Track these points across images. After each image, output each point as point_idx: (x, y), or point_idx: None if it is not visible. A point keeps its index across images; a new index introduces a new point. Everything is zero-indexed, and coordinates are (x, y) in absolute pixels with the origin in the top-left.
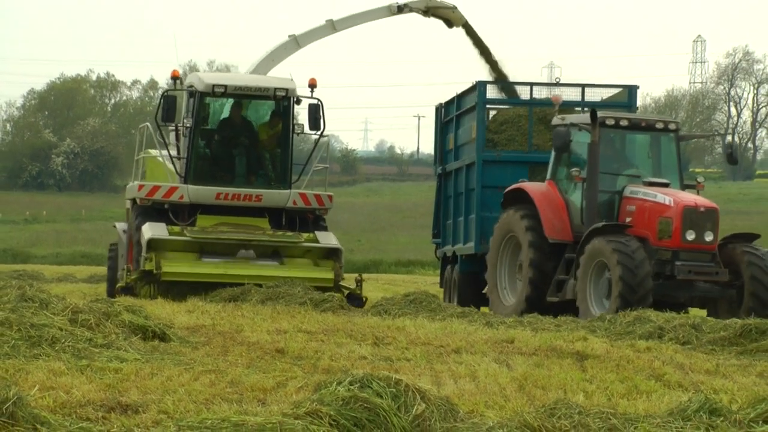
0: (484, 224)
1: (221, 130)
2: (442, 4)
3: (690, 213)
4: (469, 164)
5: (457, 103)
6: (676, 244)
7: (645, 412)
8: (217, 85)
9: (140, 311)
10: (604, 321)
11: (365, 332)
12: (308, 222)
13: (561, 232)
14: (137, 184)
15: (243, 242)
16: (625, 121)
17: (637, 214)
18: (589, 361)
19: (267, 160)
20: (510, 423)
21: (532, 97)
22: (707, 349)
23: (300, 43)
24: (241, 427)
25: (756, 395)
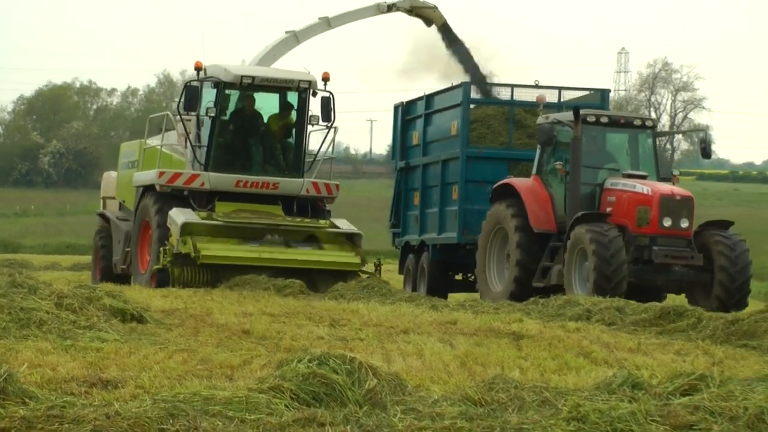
0: (467, 216)
1: (241, 121)
2: (424, 3)
3: (667, 201)
4: (447, 159)
5: (427, 102)
6: (654, 231)
7: (574, 386)
8: (245, 76)
9: (120, 296)
10: (537, 305)
11: (323, 315)
12: (318, 209)
13: (545, 222)
14: (157, 171)
15: (271, 227)
16: (605, 118)
17: (617, 203)
18: (524, 341)
19: (283, 149)
20: (453, 396)
21: (512, 98)
22: (630, 329)
23: (299, 38)
24: (210, 400)
25: (674, 371)
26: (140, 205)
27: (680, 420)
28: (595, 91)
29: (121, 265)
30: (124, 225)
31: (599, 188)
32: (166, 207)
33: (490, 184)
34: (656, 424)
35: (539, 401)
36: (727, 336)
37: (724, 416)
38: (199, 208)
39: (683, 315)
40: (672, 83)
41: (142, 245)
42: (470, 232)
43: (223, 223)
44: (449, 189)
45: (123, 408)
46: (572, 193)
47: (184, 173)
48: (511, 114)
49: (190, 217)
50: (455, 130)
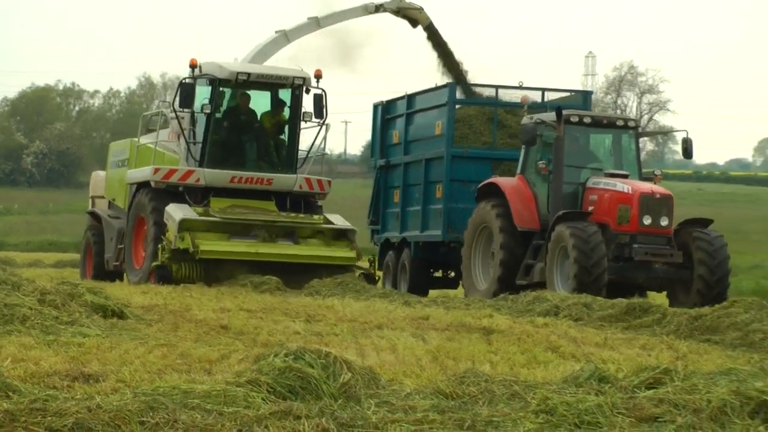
0: (451, 214)
1: (235, 117)
2: (410, 5)
3: (647, 199)
4: (430, 158)
5: (409, 102)
6: (634, 229)
7: (543, 379)
8: (241, 73)
9: (101, 292)
10: (507, 301)
11: (299, 311)
12: (311, 205)
13: (529, 221)
14: (152, 168)
15: (267, 223)
16: (588, 119)
17: (599, 202)
18: (495, 336)
19: (276, 145)
20: (425, 390)
21: (498, 98)
22: (597, 324)
23: (289, 38)
24: (189, 394)
25: (639, 365)
26: (134, 202)
27: (645, 412)
28: (578, 92)
29: (114, 262)
30: (116, 222)
31: (582, 187)
32: (162, 203)
33: (474, 184)
34: (622, 416)
35: (509, 394)
36: (690, 331)
37: (687, 409)
38: (194, 203)
39: (648, 311)
40: (638, 86)
41: (136, 241)
42: (454, 230)
43: (220, 219)
44: (433, 187)
45: (104, 401)
46: (555, 192)
47: (180, 169)
48: (495, 114)
49: (187, 213)
50: (440, 129)
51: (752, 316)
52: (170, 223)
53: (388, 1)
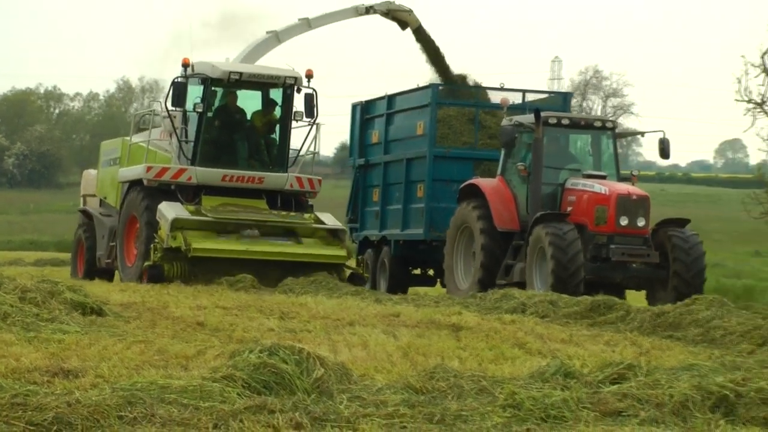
0: (433, 213)
1: (226, 116)
2: (400, 7)
3: (623, 200)
4: (412, 158)
5: (389, 102)
6: (611, 229)
7: (510, 375)
8: (233, 72)
9: (80, 290)
10: (476, 298)
11: (273, 308)
12: (301, 203)
13: (509, 221)
14: (144, 166)
15: (259, 222)
16: (566, 120)
17: (577, 203)
18: (463, 332)
19: (267, 144)
20: (396, 385)
21: (479, 99)
22: (563, 321)
23: (280, 38)
24: (166, 389)
25: (604, 361)
26: (126, 200)
27: (609, 407)
28: (558, 93)
29: (106, 260)
30: (107, 221)
31: (560, 188)
32: (154, 201)
33: (456, 183)
34: (587, 410)
35: (477, 389)
36: (653, 327)
37: (650, 403)
38: (186, 201)
39: (612, 308)
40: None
41: (128, 239)
42: (436, 229)
43: (213, 219)
44: (414, 187)
45: (83, 396)
46: (534, 193)
47: (172, 167)
48: (477, 115)
49: (180, 212)
50: (421, 129)
51: (713, 313)
52: (163, 221)
53: (378, 3)
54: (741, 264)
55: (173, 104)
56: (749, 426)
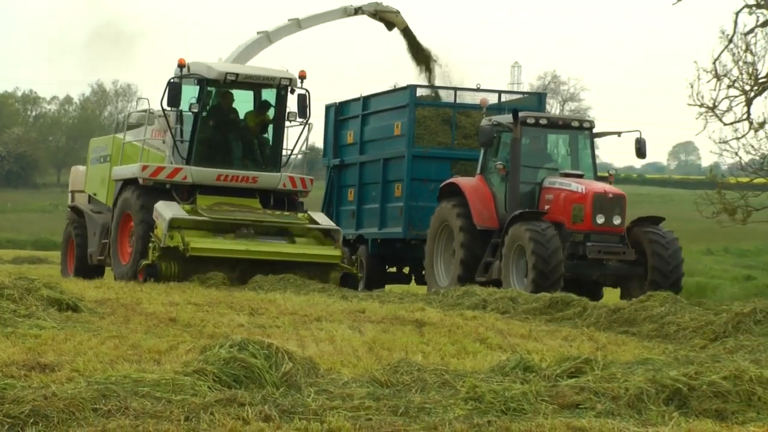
0: (412, 212)
1: (220, 116)
2: (387, 8)
3: (600, 199)
4: (389, 158)
5: (365, 103)
6: (588, 227)
7: (472, 368)
8: (229, 74)
9: (56, 287)
10: (438, 295)
11: (243, 304)
12: (293, 203)
13: (488, 219)
14: (140, 165)
15: (255, 222)
16: (544, 120)
17: (554, 201)
18: (426, 328)
19: (261, 144)
20: (362, 378)
21: (456, 101)
22: (522, 317)
23: (271, 39)
24: (139, 382)
25: (562, 355)
26: (120, 198)
27: (567, 400)
28: (533, 94)
29: (98, 257)
30: (98, 217)
31: (538, 187)
32: (149, 200)
33: (433, 182)
34: (545, 403)
35: (440, 383)
36: (609, 323)
37: (606, 396)
38: (181, 200)
39: (570, 304)
40: (560, 94)
41: (121, 237)
42: (415, 228)
43: (209, 219)
44: (391, 186)
45: (59, 390)
46: (512, 191)
47: (167, 167)
48: (454, 115)
49: (177, 211)
50: (399, 130)
51: (666, 310)
52: (160, 221)
53: (366, 4)
54: (693, 262)
55: (168, 104)
56: (702, 418)
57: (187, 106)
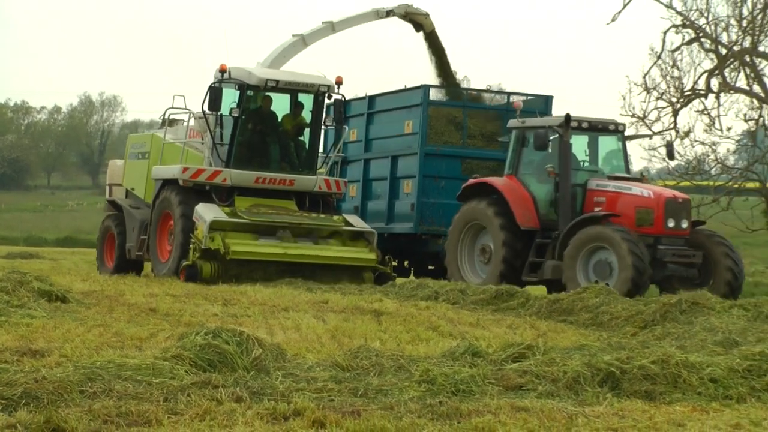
0: (423, 208)
1: (259, 120)
2: (418, 10)
3: (671, 204)
4: (398, 155)
5: (370, 103)
6: (659, 231)
7: (425, 354)
8: (270, 80)
9: (46, 280)
10: (394, 287)
11: (217, 296)
12: (328, 204)
13: (530, 220)
14: (180, 167)
15: (293, 225)
16: (585, 123)
17: (609, 204)
18: (384, 317)
19: (296, 147)
20: (325, 363)
21: (465, 101)
22: (471, 307)
23: (306, 42)
24: (122, 367)
25: (506, 342)
26: (160, 197)
27: (511, 382)
28: (540, 96)
29: (137, 252)
30: (137, 213)
31: (581, 188)
32: (189, 201)
33: (444, 180)
34: (492, 385)
35: (396, 367)
36: (549, 313)
37: (547, 379)
38: (220, 202)
39: (514, 296)
40: None
41: (161, 235)
42: (425, 224)
43: (248, 221)
44: (400, 183)
45: (49, 373)
46: (563, 193)
47: (207, 169)
48: (465, 115)
49: (217, 214)
50: (410, 128)
51: (601, 301)
52: (200, 223)
53: (397, 6)
54: None
55: (209, 108)
56: (632, 399)
57: (227, 110)
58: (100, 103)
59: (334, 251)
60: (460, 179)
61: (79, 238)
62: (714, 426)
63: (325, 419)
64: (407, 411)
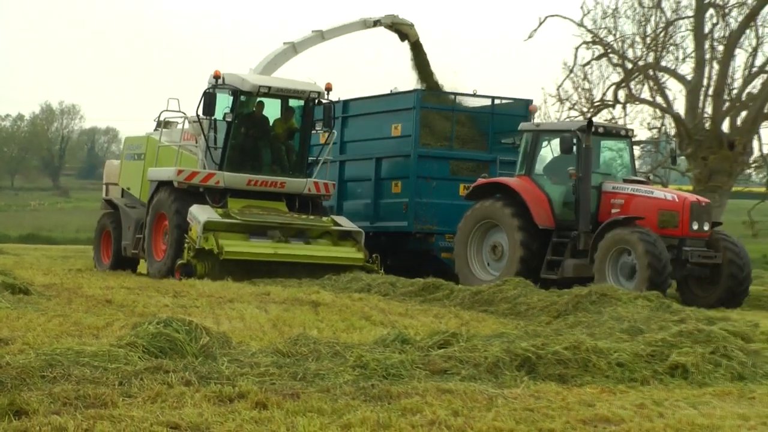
0: (417, 208)
1: (251, 125)
2: (403, 21)
3: (696, 207)
4: (383, 157)
5: (344, 107)
6: (684, 233)
7: (358, 341)
8: (262, 86)
9: (10, 274)
10: (330, 280)
11: (168, 288)
12: (317, 206)
13: (546, 220)
14: (175, 169)
15: (283, 225)
16: (601, 129)
17: (626, 206)
18: (321, 307)
19: (287, 151)
20: (267, 350)
21: (456, 103)
22: (400, 298)
23: (297, 49)
24: (81, 353)
25: (433, 330)
26: (155, 198)
27: (437, 366)
28: (521, 100)
29: (132, 250)
30: (132, 212)
31: (596, 191)
32: (183, 202)
33: (435, 180)
34: (419, 369)
35: (332, 353)
36: (472, 303)
37: (470, 363)
38: (213, 203)
39: (439, 288)
40: None
41: (156, 235)
42: (420, 222)
43: (241, 221)
44: (386, 183)
45: (12, 360)
46: (584, 196)
47: (201, 172)
48: (453, 118)
49: (210, 215)
50: (399, 131)
51: (519, 292)
52: (194, 223)
53: (384, 16)
54: None
55: (204, 113)
56: (547, 381)
57: (221, 114)
58: (60, 112)
59: (323, 250)
60: (448, 179)
61: (40, 236)
62: (620, 406)
63: (267, 401)
64: (342, 393)
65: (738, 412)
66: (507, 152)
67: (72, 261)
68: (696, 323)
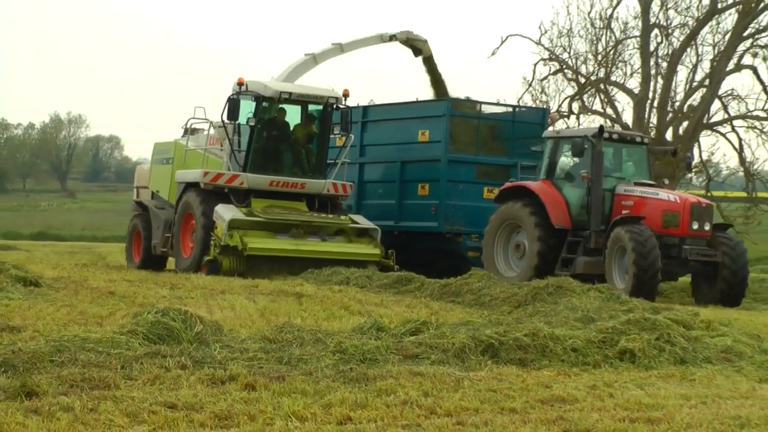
0: (447, 210)
1: (273, 129)
2: (418, 37)
3: (696, 208)
4: (408, 161)
5: (364, 112)
6: (684, 232)
7: (338, 329)
8: (284, 92)
9: (22, 268)
10: (313, 274)
11: (165, 281)
12: (335, 206)
13: (563, 220)
14: (202, 171)
15: (304, 223)
16: (616, 135)
17: (635, 207)
18: (304, 298)
19: (307, 154)
20: (255, 337)
21: (481, 111)
22: (376, 290)
23: (317, 60)
24: (86, 340)
25: (405, 318)
26: (183, 199)
27: (409, 352)
28: (538, 108)
29: (161, 248)
30: (162, 213)
31: (609, 193)
32: (210, 202)
33: (463, 183)
34: (393, 354)
35: (314, 340)
36: (441, 294)
37: (439, 349)
38: (237, 203)
39: (411, 281)
40: None
41: (183, 233)
42: (449, 223)
43: (264, 219)
44: (411, 185)
45: (24, 346)
46: (595, 197)
47: (226, 174)
48: (479, 125)
49: (235, 213)
50: (427, 137)
51: (483, 285)
52: (220, 222)
53: (400, 32)
54: None
55: (228, 118)
56: (508, 365)
57: (244, 119)
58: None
59: (341, 247)
60: (474, 183)
61: (49, 233)
62: (575, 387)
63: (256, 383)
64: (323, 376)
65: (680, 392)
66: (527, 157)
67: (78, 256)
68: (642, 312)
